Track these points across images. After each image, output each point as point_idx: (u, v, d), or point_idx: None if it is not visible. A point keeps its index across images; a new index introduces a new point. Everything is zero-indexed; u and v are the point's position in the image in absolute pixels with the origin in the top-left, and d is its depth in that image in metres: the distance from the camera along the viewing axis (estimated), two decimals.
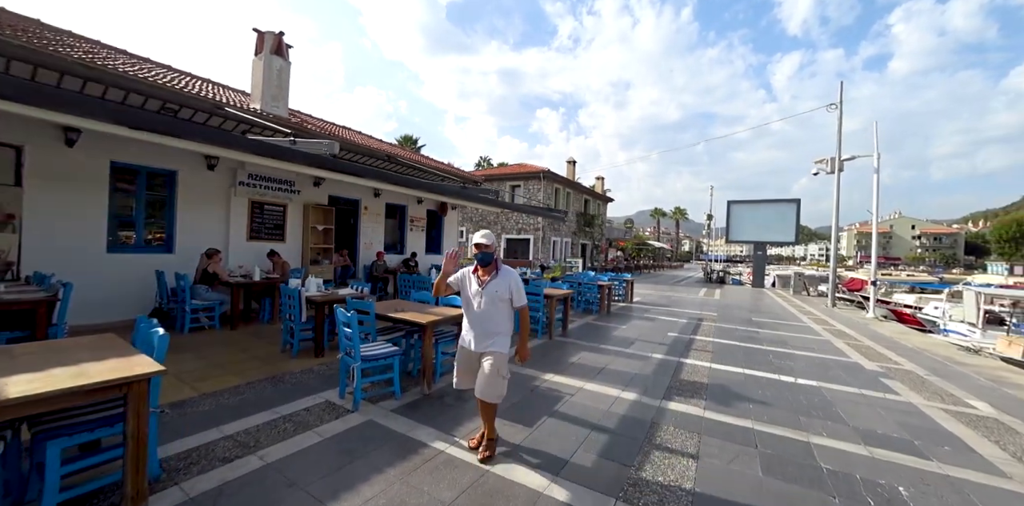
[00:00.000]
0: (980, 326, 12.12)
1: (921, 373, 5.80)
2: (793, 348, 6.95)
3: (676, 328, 8.28)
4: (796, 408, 4.15)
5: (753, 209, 22.34)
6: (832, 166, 13.92)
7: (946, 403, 4.61)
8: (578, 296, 9.54)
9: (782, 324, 9.57)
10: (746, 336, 7.80)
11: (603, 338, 7.01)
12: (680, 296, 15.03)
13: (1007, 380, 5.80)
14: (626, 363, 5.49)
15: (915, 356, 6.91)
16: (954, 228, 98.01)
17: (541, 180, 22.72)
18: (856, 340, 8.05)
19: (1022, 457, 3.36)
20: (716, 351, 6.45)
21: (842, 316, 11.64)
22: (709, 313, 10.67)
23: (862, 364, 6.11)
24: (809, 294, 18.64)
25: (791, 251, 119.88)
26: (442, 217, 12.43)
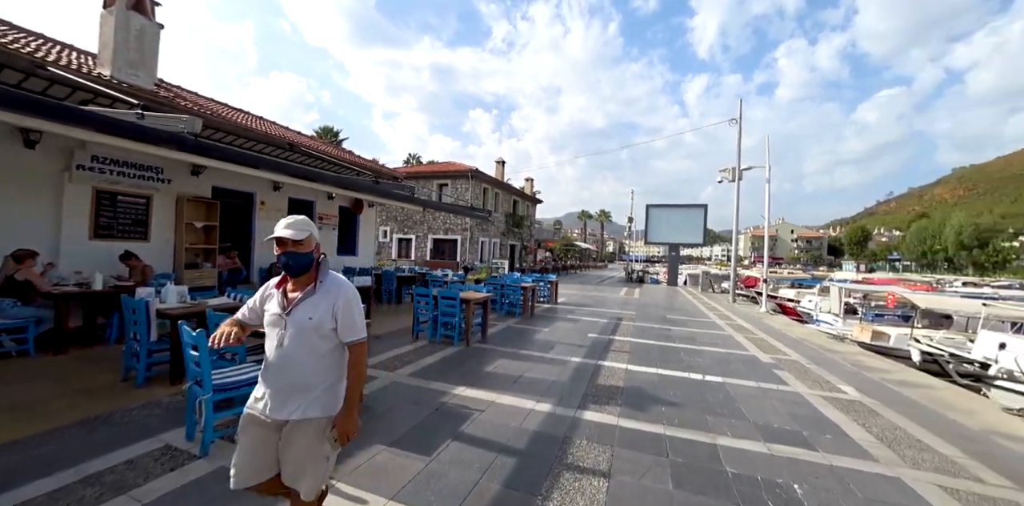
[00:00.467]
0: (842, 316, 14.04)
1: (804, 362, 6.37)
2: (701, 344, 7.31)
3: (597, 329, 8.35)
4: (704, 407, 4.20)
5: (668, 213, 24.06)
6: (733, 175, 15.35)
7: (824, 390, 5.03)
8: (501, 299, 9.26)
9: (692, 321, 10.18)
10: (661, 334, 8.08)
11: (524, 343, 6.76)
12: (603, 296, 15.53)
13: (864, 364, 6.58)
14: (545, 369, 5.26)
15: (798, 346, 7.65)
16: (820, 233, 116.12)
17: (469, 179, 22.26)
18: (752, 333, 8.77)
19: (883, 438, 3.67)
20: (633, 351, 6.53)
21: (741, 311, 12.79)
22: (628, 312, 11.04)
23: (758, 357, 6.57)
24: (714, 291, 20.48)
25: (700, 252, 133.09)
26: (357, 215, 11.41)
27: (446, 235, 23.04)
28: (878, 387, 5.30)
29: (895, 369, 6.31)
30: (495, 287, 9.41)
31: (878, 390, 5.15)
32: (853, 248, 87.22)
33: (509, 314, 9.26)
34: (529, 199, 32.59)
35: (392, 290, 9.91)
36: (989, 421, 4.37)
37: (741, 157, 15.57)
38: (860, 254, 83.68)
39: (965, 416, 4.44)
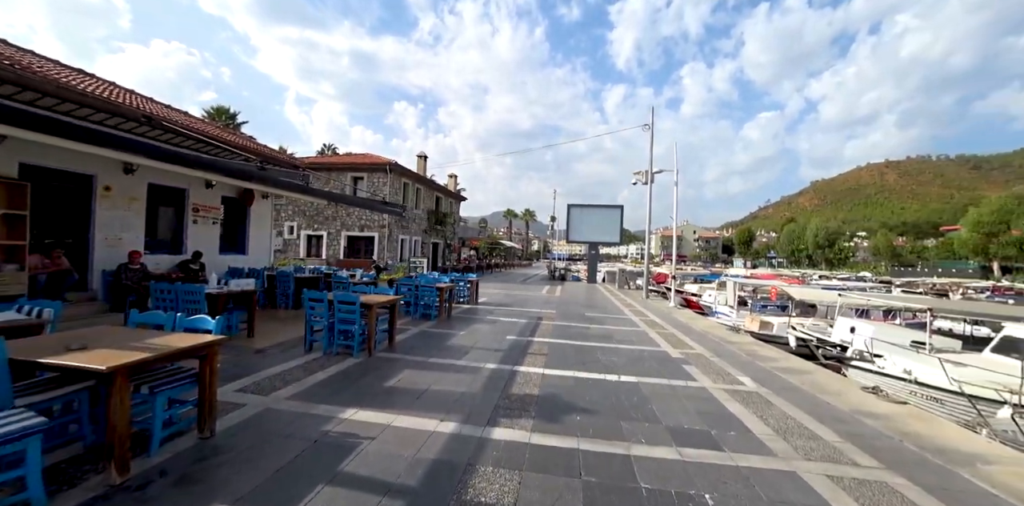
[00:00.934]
0: (735, 308, 15.63)
1: (708, 355, 6.70)
2: (617, 342, 7.39)
3: (516, 330, 8.06)
4: (619, 411, 4.04)
5: (588, 213, 24.98)
6: (646, 178, 16.25)
7: (726, 383, 5.24)
8: (415, 301, 8.55)
9: (609, 318, 10.42)
10: (579, 333, 8.05)
11: (436, 349, 6.19)
12: (525, 294, 15.47)
13: (757, 354, 7.15)
14: (455, 379, 4.76)
15: (702, 339, 8.13)
16: (716, 234, 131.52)
17: (388, 173, 20.88)
18: (663, 328, 9.18)
19: (778, 429, 3.81)
20: (551, 353, 6.32)
21: (653, 306, 13.54)
22: (549, 311, 11.00)
23: (669, 353, 6.77)
24: (630, 288, 21.69)
25: (617, 250, 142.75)
26: (247, 207, 9.82)
27: (362, 232, 21.38)
28: (769, 376, 5.68)
29: (781, 357, 6.91)
30: (409, 288, 8.67)
31: (770, 379, 5.51)
32: (741, 247, 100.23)
33: (424, 317, 8.59)
34: (453, 196, 31.79)
35: (289, 294, 8.65)
36: (853, 401, 4.83)
37: (653, 162, 16.58)
38: (747, 252, 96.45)
39: (836, 398, 4.87)
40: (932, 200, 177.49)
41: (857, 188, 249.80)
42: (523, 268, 46.12)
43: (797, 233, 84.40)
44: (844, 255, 75.88)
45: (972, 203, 67.64)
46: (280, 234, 21.79)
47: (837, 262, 73.70)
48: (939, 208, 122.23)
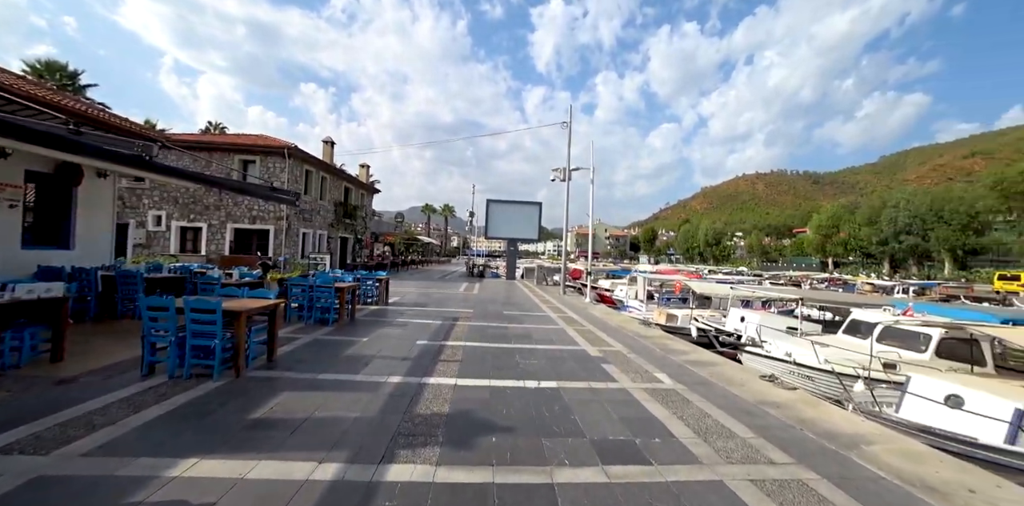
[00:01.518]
0: (644, 302, 16.60)
1: (625, 352, 6.68)
2: (536, 342, 7.06)
3: (428, 333, 7.31)
4: (540, 426, 3.60)
5: (507, 209, 24.82)
6: (564, 175, 16.43)
7: (645, 381, 5.15)
8: (309, 303, 7.32)
9: (528, 316, 10.16)
10: (497, 334, 7.58)
11: (329, 362, 5.21)
12: (442, 292, 14.66)
13: (669, 347, 7.37)
14: (348, 401, 3.92)
15: (618, 334, 8.21)
16: (624, 232, 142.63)
17: (286, 158, 18.36)
18: (581, 325, 9.14)
19: (699, 431, 3.70)
20: (466, 358, 5.73)
21: (570, 302, 13.68)
22: (466, 310, 10.39)
23: (588, 351, 6.61)
24: (547, 284, 22.01)
25: (535, 247, 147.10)
26: (73, 188, 7.55)
27: (253, 224, 18.56)
28: (682, 371, 5.76)
29: (690, 350, 7.19)
30: (303, 289, 7.40)
31: (683, 374, 5.58)
32: (646, 245, 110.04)
33: (321, 323, 7.40)
34: (365, 188, 29.44)
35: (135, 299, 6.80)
36: (756, 390, 5.05)
37: (570, 160, 16.84)
38: (651, 250, 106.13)
39: (742, 389, 5.05)
40: (787, 207, 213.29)
41: (736, 194, 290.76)
42: (442, 265, 44.82)
43: (691, 233, 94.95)
44: (727, 252, 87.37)
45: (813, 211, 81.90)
46: (142, 225, 18.00)
47: (721, 258, 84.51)
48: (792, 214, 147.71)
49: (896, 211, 48.05)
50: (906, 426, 5.19)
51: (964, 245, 44.21)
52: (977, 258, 44.76)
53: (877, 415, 5.48)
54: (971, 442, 4.99)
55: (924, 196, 48.45)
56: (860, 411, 5.57)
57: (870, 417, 5.40)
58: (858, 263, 55.18)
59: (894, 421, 5.26)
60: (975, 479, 3.26)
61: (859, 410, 5.72)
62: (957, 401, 5.52)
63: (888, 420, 5.28)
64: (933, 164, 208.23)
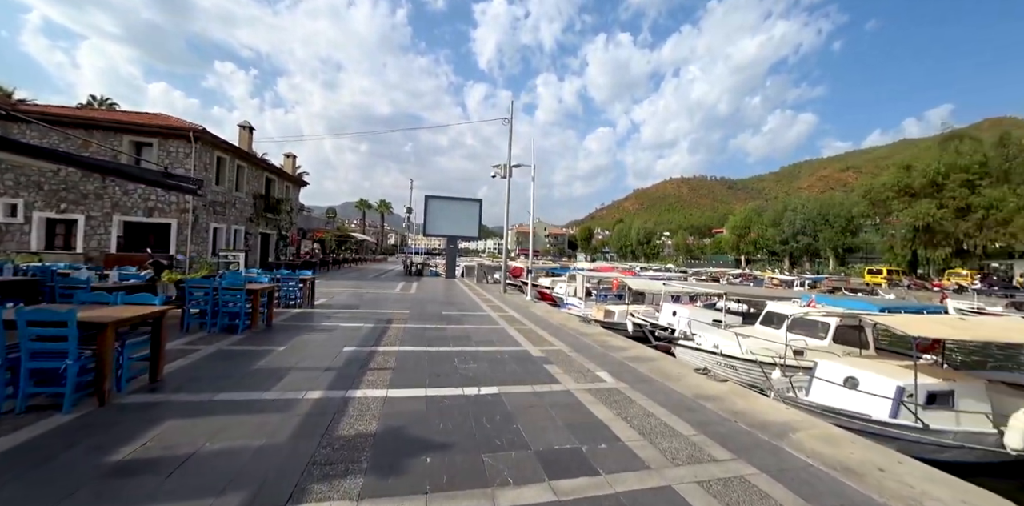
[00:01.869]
0: (583, 299, 17.00)
1: (567, 351, 6.59)
2: (477, 344, 6.72)
3: (357, 338, 6.66)
4: (481, 440, 3.28)
5: (447, 205, 24.12)
6: (505, 171, 16.22)
7: (588, 381, 5.05)
8: (212, 309, 6.29)
9: (468, 316, 9.77)
10: (435, 336, 7.12)
11: (232, 378, 4.44)
12: (376, 293, 13.75)
13: (609, 344, 7.44)
14: (252, 426, 3.29)
15: (560, 333, 8.14)
16: (563, 231, 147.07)
17: (192, 142, 16.06)
18: (522, 324, 8.97)
19: (643, 432, 3.62)
20: (399, 366, 5.23)
21: (511, 301, 13.51)
22: (401, 312, 9.75)
23: (530, 351, 6.41)
24: (488, 282, 21.74)
25: (476, 245, 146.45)
26: None
27: (150, 217, 16.02)
28: (623, 368, 5.77)
29: (628, 346, 7.30)
30: (205, 292, 6.35)
31: (624, 371, 5.57)
32: (583, 243, 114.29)
33: (228, 330, 6.40)
34: (291, 179, 26.97)
35: None
36: (692, 384, 5.17)
37: (511, 158, 16.67)
38: (587, 248, 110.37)
39: (679, 383, 5.14)
40: (707, 209, 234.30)
41: (664, 197, 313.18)
42: (378, 263, 42.71)
43: (624, 232, 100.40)
44: (656, 250, 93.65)
45: (728, 213, 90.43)
46: None
47: (652, 256, 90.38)
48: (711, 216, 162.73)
49: (794, 215, 54.64)
50: (817, 408, 5.65)
51: (843, 244, 51.51)
52: (853, 255, 52.38)
53: (794, 400, 5.92)
54: (866, 418, 5.55)
55: (814, 203, 55.67)
56: (780, 398, 5.98)
57: (789, 403, 5.81)
58: (764, 260, 61.94)
59: (808, 405, 5.70)
60: (882, 457, 3.51)
61: (779, 397, 6.15)
62: (854, 382, 6.13)
63: (803, 405, 5.72)
64: (819, 175, 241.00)
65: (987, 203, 32.67)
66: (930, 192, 35.43)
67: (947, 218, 34.27)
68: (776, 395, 6.21)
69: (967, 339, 5.87)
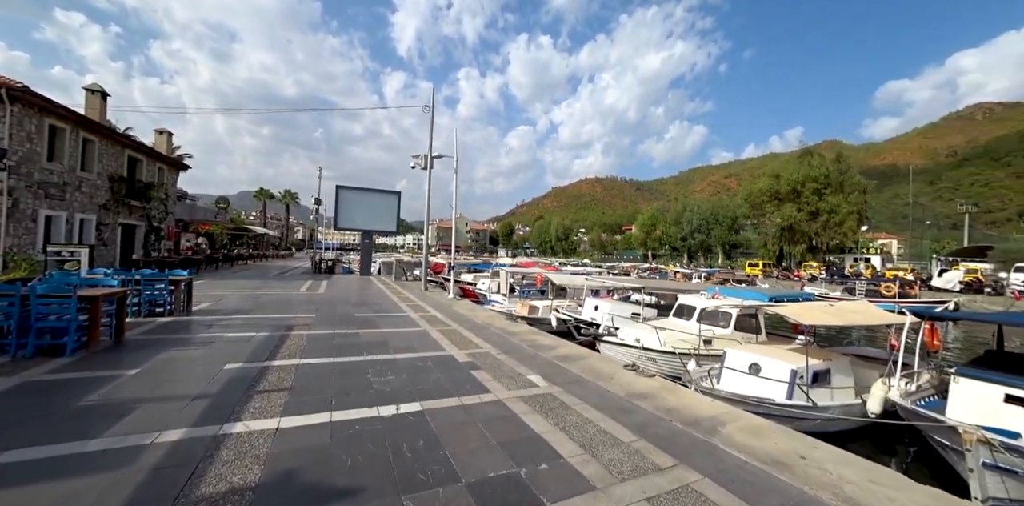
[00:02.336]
0: (507, 295, 16.83)
1: (495, 353, 6.16)
2: (395, 350, 5.97)
3: (246, 352, 5.49)
4: (400, 478, 2.67)
5: (361, 197, 22.21)
6: (425, 162, 15.25)
7: (520, 387, 4.67)
8: (18, 324, 4.64)
9: (385, 318, 8.86)
10: (346, 344, 6.20)
11: (40, 422, 3.20)
12: (276, 294, 11.99)
13: (537, 343, 7.18)
14: (58, 498, 2.28)
15: (485, 333, 7.70)
16: (484, 226, 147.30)
17: (5, 103, 12.36)
18: (446, 325, 8.34)
19: (584, 443, 3.33)
20: (298, 385, 4.33)
21: (433, 299, 12.74)
22: (305, 315, 8.48)
23: (455, 356, 5.86)
24: (407, 279, 20.51)
25: (394, 240, 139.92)
26: None
27: None
28: (554, 369, 5.51)
29: (556, 344, 7.12)
30: (9, 302, 4.65)
31: (556, 373, 5.31)
32: (505, 239, 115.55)
33: (46, 353, 4.79)
34: (165, 161, 22.61)
35: None
36: (624, 382, 5.08)
37: (432, 148, 15.72)
38: (509, 244, 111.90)
39: (611, 382, 5.02)
40: (618, 208, 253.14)
41: (580, 195, 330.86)
42: (283, 260, 38.30)
43: (544, 228, 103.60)
44: (573, 246, 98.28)
45: (636, 212, 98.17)
46: None
47: (569, 251, 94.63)
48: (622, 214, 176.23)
49: (691, 214, 61.18)
50: (735, 397, 5.99)
51: (729, 241, 59.10)
52: (736, 251, 60.37)
53: (712, 391, 6.21)
54: (771, 402, 6.03)
55: (708, 204, 62.92)
56: (699, 388, 6.25)
57: (708, 393, 6.09)
58: (668, 255, 68.52)
59: (725, 394, 6.02)
60: (801, 445, 3.66)
61: (698, 386, 6.44)
62: (757, 368, 6.65)
63: (719, 394, 6.02)
64: (709, 180, 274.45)
65: (829, 208, 39.74)
66: (792, 198, 42.03)
67: (803, 220, 41.00)
68: (695, 385, 6.50)
69: (843, 324, 6.70)
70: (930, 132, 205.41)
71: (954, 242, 47.01)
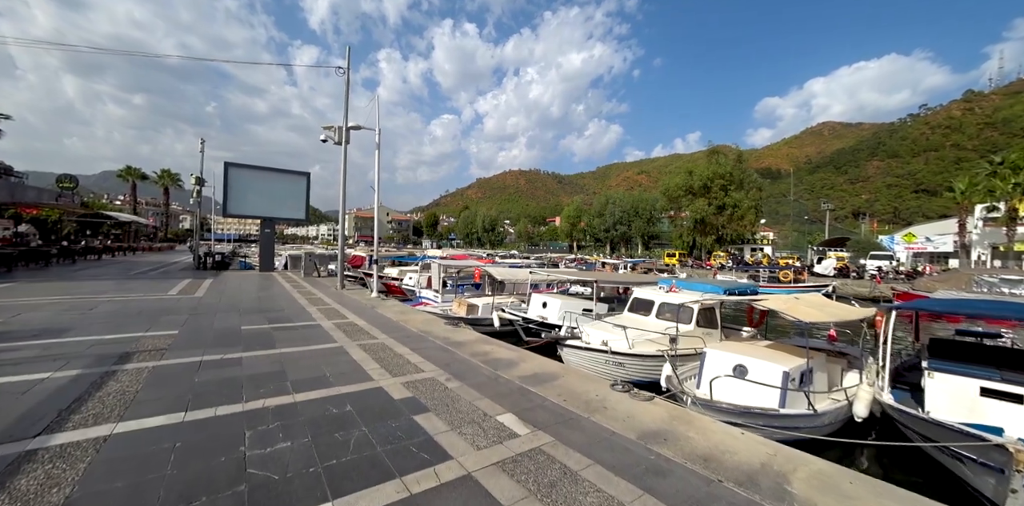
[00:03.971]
0: (441, 291, 14.92)
1: (443, 379, 4.54)
2: (295, 387, 4.04)
3: (11, 413, 3.19)
4: None
5: (258, 178, 18.47)
6: (339, 135, 12.69)
7: (490, 438, 3.17)
8: None
9: (286, 330, 6.65)
10: (214, 382, 4.09)
11: None
12: (127, 301, 8.85)
13: (492, 357, 5.71)
14: None
15: (424, 346, 6.01)
16: (407, 216, 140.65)
17: None
18: (371, 337, 6.45)
19: None
20: (86, 493, 2.32)
21: (352, 300, 10.53)
22: (161, 334, 5.96)
23: (388, 390, 4.12)
24: (320, 275, 17.57)
25: (305, 231, 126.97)
26: None
27: None
28: (526, 399, 4.08)
29: (516, 357, 5.68)
30: None
31: (532, 407, 3.87)
32: (429, 230, 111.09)
33: None
34: None
35: None
36: (623, 413, 3.85)
37: (348, 116, 13.14)
38: (434, 235, 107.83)
39: (609, 416, 3.74)
40: (541, 200, 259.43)
41: (504, 187, 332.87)
42: (159, 253, 31.61)
43: (470, 219, 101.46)
44: (500, 238, 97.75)
45: (559, 204, 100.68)
46: None
47: (496, 243, 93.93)
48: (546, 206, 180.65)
49: (614, 207, 63.90)
50: (734, 409, 5.09)
51: (648, 233, 62.95)
52: (653, 241, 64.63)
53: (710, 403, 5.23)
54: (775, 414, 5.22)
55: (629, 197, 66.17)
56: (697, 400, 5.26)
57: (708, 405, 5.15)
58: (592, 246, 71.08)
59: (726, 408, 5.10)
60: (863, 485, 2.71)
61: (677, 390, 5.49)
62: (742, 370, 5.91)
63: (720, 407, 5.10)
64: (623, 176, 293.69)
65: (733, 203, 43.87)
66: (703, 193, 45.63)
67: (712, 213, 44.76)
68: (688, 397, 5.56)
69: (834, 321, 6.24)
70: (793, 142, 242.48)
71: (821, 235, 55.22)
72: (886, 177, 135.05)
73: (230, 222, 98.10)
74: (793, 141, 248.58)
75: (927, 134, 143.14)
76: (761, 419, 5.04)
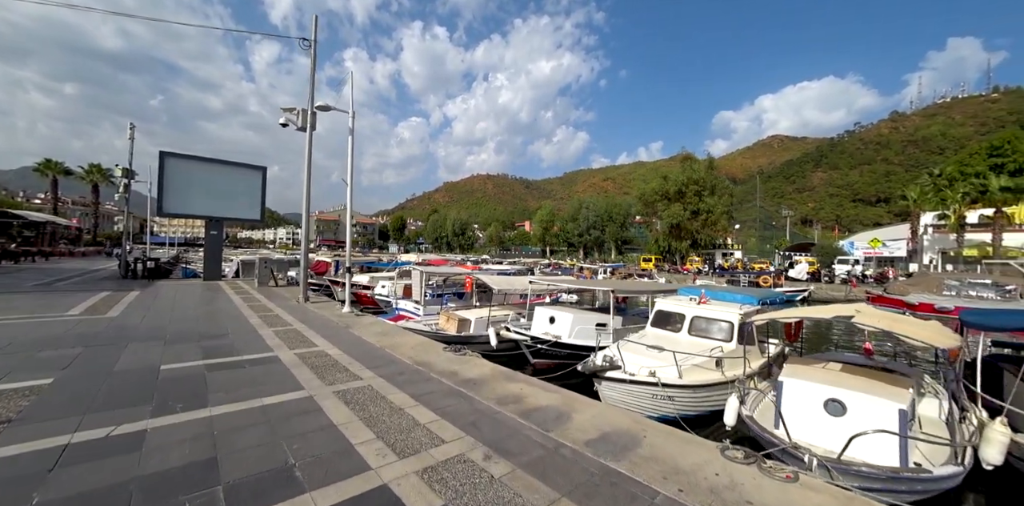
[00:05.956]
0: (423, 303, 12.94)
1: (478, 458, 2.93)
2: (233, 497, 2.31)
3: None
4: None
5: (204, 171, 15.89)
6: (303, 119, 10.70)
7: None
8: None
9: (228, 367, 4.75)
10: (81, 493, 2.28)
11: None
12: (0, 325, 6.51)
13: (532, 408, 4.16)
14: None
15: (427, 390, 4.35)
16: (373, 220, 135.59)
17: None
18: (351, 376, 4.68)
19: None
20: None
21: (318, 318, 8.57)
22: (18, 385, 3.92)
23: (399, 492, 2.46)
24: (277, 284, 15.19)
25: (262, 234, 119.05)
26: None
27: None
28: (619, 489, 2.56)
29: (562, 402, 4.13)
30: None
31: (618, 496, 2.36)
32: (396, 234, 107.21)
33: None
34: None
35: None
36: (771, 502, 2.43)
37: (314, 96, 11.16)
38: (401, 238, 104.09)
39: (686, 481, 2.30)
40: (508, 205, 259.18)
41: (472, 191, 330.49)
42: (82, 259, 27.48)
43: (440, 223, 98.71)
44: (471, 242, 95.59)
45: (526, 209, 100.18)
46: None
47: (467, 247, 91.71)
48: (513, 210, 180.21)
49: (588, 211, 63.71)
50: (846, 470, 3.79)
51: (621, 238, 63.15)
52: (626, 246, 64.89)
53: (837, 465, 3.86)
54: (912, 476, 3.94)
55: (602, 202, 66.24)
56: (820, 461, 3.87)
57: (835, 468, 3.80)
58: (564, 250, 70.51)
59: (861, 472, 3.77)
60: None
61: (817, 461, 4.03)
62: (839, 408, 4.66)
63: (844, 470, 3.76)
64: (590, 182, 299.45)
65: (707, 208, 44.46)
66: (678, 198, 45.97)
67: (687, 218, 45.14)
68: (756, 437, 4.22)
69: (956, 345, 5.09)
70: (747, 153, 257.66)
71: (783, 240, 57.31)
72: (828, 187, 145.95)
73: (176, 223, 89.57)
74: (747, 152, 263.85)
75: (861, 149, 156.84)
76: (904, 484, 3.76)
